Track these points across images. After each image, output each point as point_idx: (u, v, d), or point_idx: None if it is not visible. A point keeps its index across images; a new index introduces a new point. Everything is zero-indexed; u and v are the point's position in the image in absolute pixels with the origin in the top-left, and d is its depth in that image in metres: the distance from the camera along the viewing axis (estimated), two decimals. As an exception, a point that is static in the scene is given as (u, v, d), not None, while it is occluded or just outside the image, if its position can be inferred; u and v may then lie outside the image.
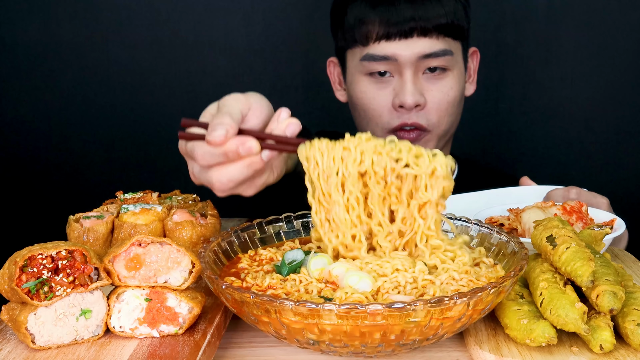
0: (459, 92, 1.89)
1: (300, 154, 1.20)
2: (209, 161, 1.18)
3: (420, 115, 1.85)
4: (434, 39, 1.80)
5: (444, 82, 1.86)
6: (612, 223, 1.43)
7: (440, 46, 1.81)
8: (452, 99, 1.87)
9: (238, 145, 1.17)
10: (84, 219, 1.32)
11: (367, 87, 1.88)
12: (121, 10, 2.54)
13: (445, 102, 1.86)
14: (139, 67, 2.58)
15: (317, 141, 1.20)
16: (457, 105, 1.91)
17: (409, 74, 1.82)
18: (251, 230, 1.30)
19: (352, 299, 1.06)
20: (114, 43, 2.56)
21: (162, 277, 1.10)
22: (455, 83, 1.88)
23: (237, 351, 1.16)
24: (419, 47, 1.79)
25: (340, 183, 1.19)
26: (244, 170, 1.20)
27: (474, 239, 1.28)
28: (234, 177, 1.20)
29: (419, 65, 1.82)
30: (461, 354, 1.14)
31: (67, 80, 2.58)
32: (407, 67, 1.81)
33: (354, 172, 1.18)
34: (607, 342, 1.05)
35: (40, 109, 2.60)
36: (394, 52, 1.80)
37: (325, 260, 1.17)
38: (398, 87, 1.84)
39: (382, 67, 1.83)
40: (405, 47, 1.79)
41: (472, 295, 0.99)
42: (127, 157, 2.64)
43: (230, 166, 1.19)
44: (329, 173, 1.19)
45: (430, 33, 1.80)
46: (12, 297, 1.07)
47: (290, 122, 1.20)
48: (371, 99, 1.87)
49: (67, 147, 2.63)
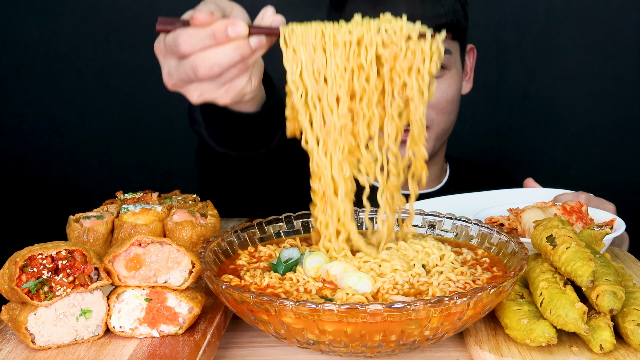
0: (456, 90, 1.90)
1: (281, 42, 1.16)
2: (194, 45, 1.13)
3: None
4: None
5: (443, 80, 1.86)
6: (612, 223, 1.43)
7: None
8: (450, 97, 1.88)
9: (227, 26, 1.14)
10: (84, 219, 1.32)
11: None
12: (121, 10, 2.54)
13: (444, 100, 1.87)
14: (139, 67, 2.58)
15: (298, 27, 1.13)
16: (456, 103, 1.92)
17: None
18: (251, 230, 1.30)
19: (353, 300, 1.07)
20: (114, 43, 2.56)
21: (162, 277, 1.10)
22: (453, 82, 1.88)
23: (237, 351, 1.16)
24: None
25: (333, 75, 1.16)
26: (231, 53, 1.15)
27: (474, 239, 1.28)
28: (220, 60, 1.15)
29: None
30: (461, 354, 1.14)
31: (67, 80, 2.58)
32: None
33: (341, 64, 1.16)
34: (607, 342, 1.05)
35: (40, 109, 2.60)
36: None
37: (321, 259, 1.17)
38: None
39: None
40: None
41: (472, 295, 0.99)
42: (127, 157, 2.64)
43: (217, 48, 1.14)
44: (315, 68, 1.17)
45: None
46: (12, 297, 1.07)
47: (275, 19, 1.18)
48: None
49: (67, 147, 2.63)
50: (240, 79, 1.19)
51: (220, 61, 1.15)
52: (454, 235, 1.31)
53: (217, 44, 1.14)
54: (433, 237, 1.29)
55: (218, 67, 1.15)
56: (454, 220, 1.31)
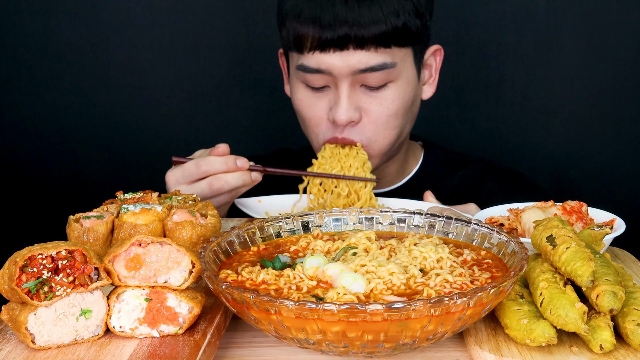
0: (402, 102, 1.77)
1: None
2: (212, 169, 1.63)
3: (353, 131, 1.75)
4: (371, 52, 1.68)
5: (385, 95, 1.75)
6: (612, 223, 1.43)
7: (377, 60, 1.69)
8: (393, 112, 1.76)
9: (235, 159, 1.65)
10: (84, 219, 1.31)
11: (304, 95, 1.79)
12: (121, 10, 2.54)
13: (384, 115, 1.75)
14: (139, 67, 2.58)
15: None
16: (402, 115, 1.79)
17: (344, 87, 1.71)
18: (251, 230, 1.30)
19: (344, 299, 1.07)
20: (114, 43, 2.56)
21: (162, 277, 1.10)
22: (398, 95, 1.75)
23: (237, 351, 1.16)
24: (355, 60, 1.68)
25: None
26: (238, 178, 1.64)
27: (474, 239, 1.28)
28: (230, 181, 1.63)
29: (355, 78, 1.71)
30: (461, 354, 1.14)
31: (67, 80, 2.58)
32: (343, 80, 1.71)
33: None
34: (607, 342, 1.05)
35: (40, 108, 2.60)
36: (328, 65, 1.69)
37: (321, 260, 1.17)
38: (333, 100, 1.75)
39: (317, 80, 1.73)
40: (340, 61, 1.68)
41: (472, 295, 1.00)
42: (127, 157, 2.64)
43: (228, 173, 1.64)
44: None
45: (368, 45, 1.67)
46: (12, 297, 1.07)
47: None
48: (307, 108, 1.79)
49: (67, 147, 2.63)
50: (229, 201, 1.69)
51: (230, 182, 1.64)
52: (454, 235, 1.31)
53: (228, 170, 1.64)
54: (433, 237, 1.29)
55: (228, 186, 1.64)
56: (454, 221, 1.31)
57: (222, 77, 2.59)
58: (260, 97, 2.61)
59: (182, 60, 2.58)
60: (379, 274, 1.14)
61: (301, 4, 1.71)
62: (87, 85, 2.58)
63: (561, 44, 2.54)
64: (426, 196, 1.68)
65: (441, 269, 1.18)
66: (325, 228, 1.36)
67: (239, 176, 1.63)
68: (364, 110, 1.75)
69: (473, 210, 1.58)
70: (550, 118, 2.60)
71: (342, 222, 1.36)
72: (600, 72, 2.55)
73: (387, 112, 1.76)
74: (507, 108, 2.60)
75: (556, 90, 2.58)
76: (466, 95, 2.57)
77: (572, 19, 2.52)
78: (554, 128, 2.61)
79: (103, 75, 2.58)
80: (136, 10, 2.54)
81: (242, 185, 1.65)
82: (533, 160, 2.63)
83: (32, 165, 2.64)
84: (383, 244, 1.27)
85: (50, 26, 2.54)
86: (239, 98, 2.60)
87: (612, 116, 2.58)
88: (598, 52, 2.54)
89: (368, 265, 1.16)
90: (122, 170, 2.65)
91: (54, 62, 2.56)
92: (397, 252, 1.23)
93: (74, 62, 2.57)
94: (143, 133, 2.62)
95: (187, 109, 2.61)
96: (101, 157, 2.64)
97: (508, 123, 2.62)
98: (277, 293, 1.12)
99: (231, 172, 1.63)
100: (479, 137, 2.62)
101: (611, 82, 2.55)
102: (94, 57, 2.56)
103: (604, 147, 2.61)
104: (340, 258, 1.22)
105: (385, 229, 1.36)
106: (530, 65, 2.56)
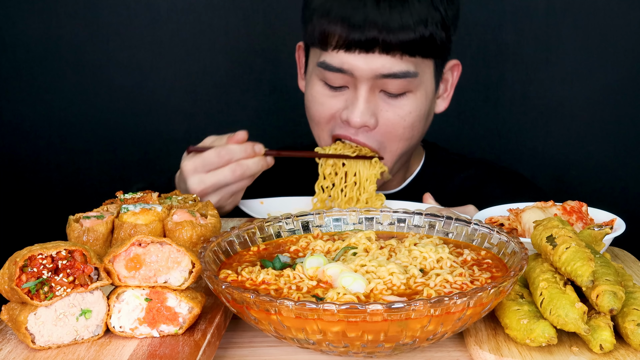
0: (419, 115, 1.75)
1: None
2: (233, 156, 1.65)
3: (368, 137, 1.74)
4: (396, 58, 1.66)
5: (402, 105, 1.73)
6: (612, 223, 1.43)
7: (401, 67, 1.67)
8: (409, 123, 1.74)
9: (253, 145, 1.67)
10: (84, 219, 1.32)
11: (320, 93, 1.77)
12: (121, 10, 2.54)
13: (400, 126, 1.74)
14: (139, 67, 2.58)
15: None
16: (416, 127, 1.77)
17: (363, 90, 1.70)
18: (251, 230, 1.30)
19: (344, 299, 1.07)
20: (114, 43, 2.56)
21: (162, 277, 1.10)
22: (415, 106, 1.74)
23: (237, 351, 1.16)
24: (378, 64, 1.66)
25: None
26: (258, 163, 1.67)
27: (474, 239, 1.28)
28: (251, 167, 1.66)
29: (376, 83, 1.70)
30: (461, 354, 1.14)
31: (67, 80, 2.58)
32: (363, 83, 1.69)
33: None
34: (607, 342, 1.05)
35: (40, 109, 2.60)
36: (350, 65, 1.68)
37: (321, 260, 1.17)
38: (350, 100, 1.73)
39: (337, 79, 1.72)
40: (364, 63, 1.66)
41: (472, 295, 0.99)
42: (127, 157, 2.64)
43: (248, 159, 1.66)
44: None
45: (394, 50, 1.65)
46: (12, 297, 1.07)
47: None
48: (320, 105, 1.77)
49: (67, 147, 2.63)
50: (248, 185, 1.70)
51: (251, 167, 1.66)
52: (454, 235, 1.31)
53: (247, 157, 1.66)
54: (433, 237, 1.29)
55: (250, 171, 1.66)
56: (454, 221, 1.31)
57: (222, 77, 2.59)
58: (260, 97, 2.61)
59: (182, 60, 2.58)
60: (379, 274, 1.14)
61: (331, 1, 1.69)
62: (87, 85, 2.58)
63: (561, 44, 2.54)
64: (425, 198, 1.67)
65: (441, 269, 1.18)
66: (325, 228, 1.36)
67: (258, 161, 1.67)
68: (380, 118, 1.74)
69: (472, 212, 1.58)
70: (550, 118, 2.60)
71: (342, 222, 1.36)
72: (600, 72, 2.55)
73: (402, 123, 1.74)
74: (507, 108, 2.60)
75: (556, 90, 2.57)
76: (466, 96, 2.57)
77: (572, 19, 2.52)
78: (554, 128, 2.60)
79: (103, 75, 2.58)
80: (136, 10, 2.54)
81: (261, 170, 1.69)
82: (533, 160, 2.63)
83: (32, 165, 2.64)
84: (383, 244, 1.27)
85: (50, 26, 2.54)
86: (239, 98, 2.60)
87: (612, 116, 2.58)
88: (598, 52, 2.54)
89: (368, 265, 1.16)
90: (122, 170, 2.65)
91: (54, 62, 2.56)
92: (397, 252, 1.23)
93: (74, 62, 2.56)
94: (143, 133, 2.62)
95: (187, 109, 2.61)
96: (101, 157, 2.64)
97: (508, 123, 2.62)
98: (277, 293, 1.12)
99: (250, 159, 1.66)
100: (479, 137, 2.62)
101: (611, 82, 2.55)
102: (94, 57, 2.56)
103: (604, 147, 2.61)
104: (340, 258, 1.22)
105: (385, 229, 1.36)
106: (530, 65, 2.56)
